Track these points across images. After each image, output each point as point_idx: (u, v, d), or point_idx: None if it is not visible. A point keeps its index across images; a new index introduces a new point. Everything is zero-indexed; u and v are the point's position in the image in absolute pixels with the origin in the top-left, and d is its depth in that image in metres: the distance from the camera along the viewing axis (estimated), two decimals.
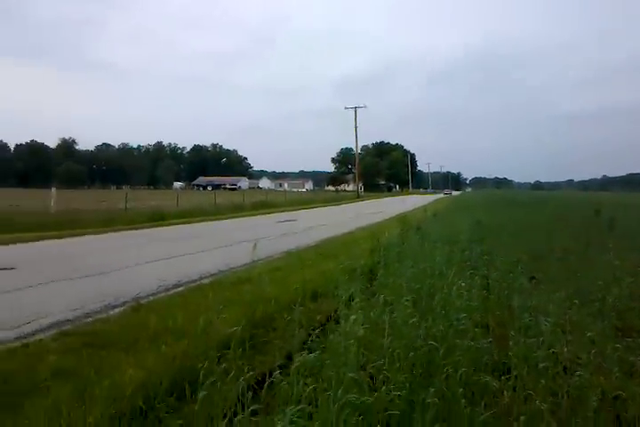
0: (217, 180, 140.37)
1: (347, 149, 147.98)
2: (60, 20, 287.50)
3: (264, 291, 7.08)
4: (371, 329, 3.95)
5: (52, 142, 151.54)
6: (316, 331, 5.02)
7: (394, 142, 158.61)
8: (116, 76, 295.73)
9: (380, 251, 11.35)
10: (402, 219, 24.25)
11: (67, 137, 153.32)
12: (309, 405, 2.94)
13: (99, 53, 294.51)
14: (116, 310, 6.36)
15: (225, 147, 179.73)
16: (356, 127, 63.68)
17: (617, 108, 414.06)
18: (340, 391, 2.87)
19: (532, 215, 20.40)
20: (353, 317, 3.86)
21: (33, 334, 5.38)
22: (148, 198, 39.88)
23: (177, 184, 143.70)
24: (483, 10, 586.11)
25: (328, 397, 2.87)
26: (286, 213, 30.32)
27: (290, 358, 4.17)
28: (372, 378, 3.27)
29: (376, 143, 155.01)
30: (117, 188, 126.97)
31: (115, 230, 16.97)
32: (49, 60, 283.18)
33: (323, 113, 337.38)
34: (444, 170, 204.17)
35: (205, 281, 8.27)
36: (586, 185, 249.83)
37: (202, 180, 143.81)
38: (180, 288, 7.78)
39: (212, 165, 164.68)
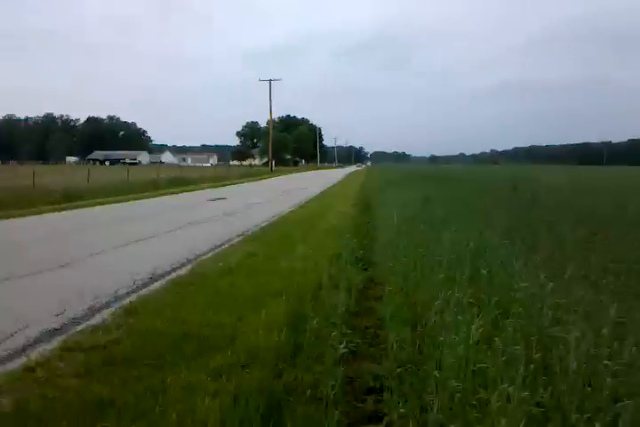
0: (115, 154, 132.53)
1: (252, 122, 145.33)
2: None
3: (259, 284, 6.48)
4: None
5: None
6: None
7: (300, 117, 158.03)
8: (4, 43, 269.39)
9: (343, 231, 10.99)
10: (335, 194, 24.16)
11: None
12: None
13: None
14: (105, 314, 5.46)
15: (122, 119, 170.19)
16: (270, 100, 62.20)
17: (506, 87, 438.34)
18: None
19: (463, 190, 20.78)
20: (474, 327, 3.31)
21: (24, 350, 4.42)
22: (47, 174, 36.57)
23: (71, 159, 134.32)
24: None
25: None
26: (208, 189, 29.04)
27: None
28: None
29: (282, 117, 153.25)
30: (3, 162, 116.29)
31: (36, 213, 15.21)
32: None
33: (228, 86, 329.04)
34: (347, 144, 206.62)
35: (183, 273, 7.44)
36: (477, 158, 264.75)
37: (98, 154, 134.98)
38: (160, 282, 6.90)
39: (109, 139, 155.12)
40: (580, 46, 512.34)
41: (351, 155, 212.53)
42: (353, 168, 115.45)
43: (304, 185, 33.37)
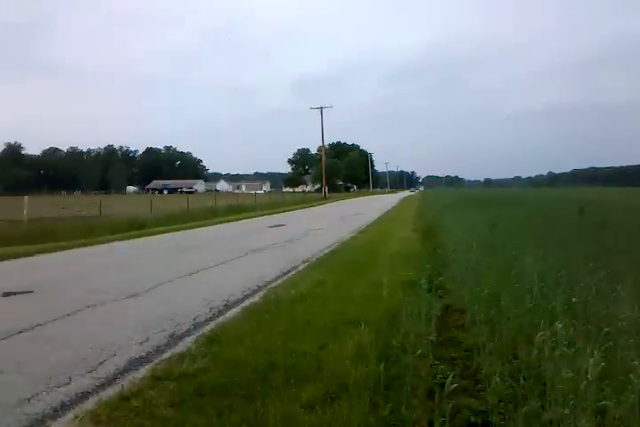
0: (172, 183, 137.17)
1: (303, 149, 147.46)
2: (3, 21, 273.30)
3: (334, 312, 6.38)
4: None
5: None
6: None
7: (350, 142, 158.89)
8: (66, 78, 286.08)
9: (409, 256, 10.81)
10: (394, 220, 23.95)
11: (12, 142, 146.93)
12: None
13: (47, 54, 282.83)
14: (188, 341, 5.49)
15: (179, 149, 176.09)
16: (322, 127, 63.34)
17: (560, 108, 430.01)
18: None
19: (527, 215, 20.15)
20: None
21: (115, 378, 4.47)
22: (111, 204, 37.99)
23: (131, 188, 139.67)
24: (435, 11, 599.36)
25: None
26: (265, 216, 29.39)
27: None
28: None
29: (333, 144, 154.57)
30: (68, 193, 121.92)
31: (103, 241, 15.73)
32: None
33: (277, 114, 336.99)
34: (398, 169, 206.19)
35: (256, 300, 7.44)
36: (533, 181, 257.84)
37: (157, 183, 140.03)
38: (235, 309, 6.92)
39: (166, 168, 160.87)
40: (634, 64, 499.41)
41: (403, 180, 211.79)
42: (406, 193, 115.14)
43: (359, 211, 33.29)
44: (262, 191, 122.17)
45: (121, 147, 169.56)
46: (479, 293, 5.93)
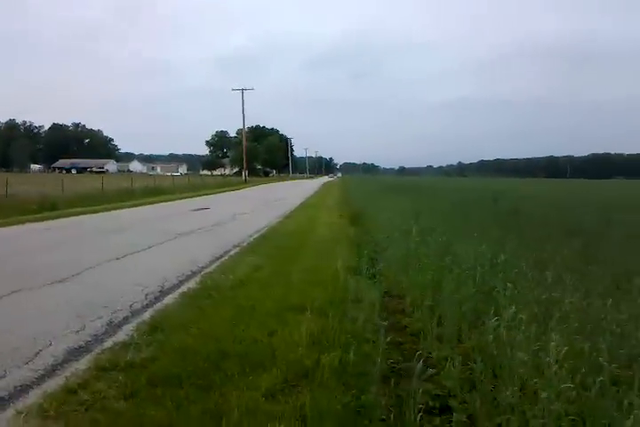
0: (81, 162, 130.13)
1: (221, 131, 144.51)
2: None
3: (277, 298, 6.32)
4: None
5: None
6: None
7: (269, 127, 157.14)
8: None
9: (339, 242, 10.92)
10: (317, 205, 24.09)
11: None
12: None
13: None
14: (128, 329, 5.24)
15: (88, 126, 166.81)
16: (243, 110, 62.25)
17: (471, 100, 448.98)
18: None
19: (447, 202, 20.97)
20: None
21: (55, 370, 4.18)
22: (15, 182, 35.39)
23: (35, 166, 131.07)
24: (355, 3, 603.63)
25: None
26: (186, 199, 28.64)
27: None
28: None
29: (252, 127, 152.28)
30: None
31: (14, 223, 14.70)
32: None
33: (195, 94, 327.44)
34: (317, 155, 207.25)
35: (193, 286, 7.23)
36: (445, 170, 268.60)
37: (64, 162, 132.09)
38: (173, 295, 6.69)
39: (75, 146, 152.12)
40: (542, 62, 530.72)
41: (321, 165, 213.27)
42: (325, 179, 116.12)
43: (282, 196, 33.25)
44: (179, 173, 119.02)
45: (24, 122, 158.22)
46: (420, 278, 6.09)
